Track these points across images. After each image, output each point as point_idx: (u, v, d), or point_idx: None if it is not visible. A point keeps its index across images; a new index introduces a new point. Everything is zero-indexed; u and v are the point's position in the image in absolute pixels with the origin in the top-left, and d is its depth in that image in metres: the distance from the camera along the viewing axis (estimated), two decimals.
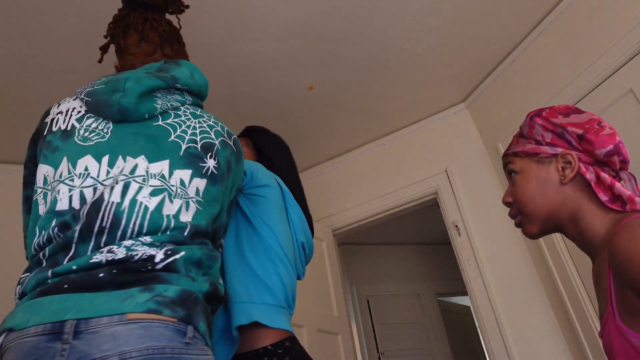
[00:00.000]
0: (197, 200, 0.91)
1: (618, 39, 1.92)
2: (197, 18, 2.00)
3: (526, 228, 0.94)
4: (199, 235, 0.89)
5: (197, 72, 1.07)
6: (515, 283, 2.38)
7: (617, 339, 0.76)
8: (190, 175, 0.91)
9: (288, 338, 1.16)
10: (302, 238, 1.41)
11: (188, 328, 0.76)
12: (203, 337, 0.79)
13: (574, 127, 0.89)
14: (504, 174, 1.02)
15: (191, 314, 0.77)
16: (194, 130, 0.96)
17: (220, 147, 0.98)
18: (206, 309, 0.82)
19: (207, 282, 0.85)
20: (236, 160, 1.03)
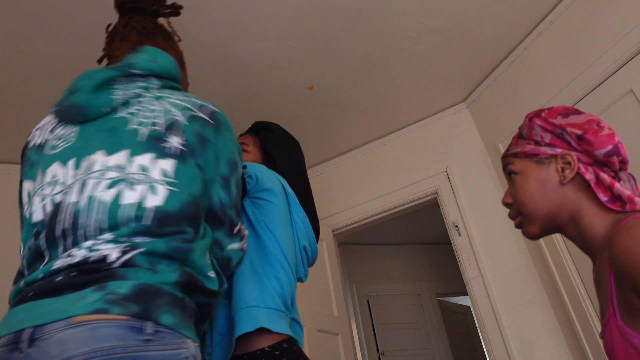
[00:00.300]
0: (168, 182, 0.87)
1: (618, 39, 1.92)
2: (198, 18, 2.00)
3: (526, 229, 0.94)
4: (169, 220, 0.84)
5: (160, 54, 1.04)
6: (515, 283, 2.38)
7: (618, 340, 0.76)
8: (152, 158, 0.88)
9: (286, 340, 1.16)
10: (305, 242, 1.41)
11: (146, 324, 0.72)
12: (176, 330, 0.75)
13: (573, 128, 0.89)
14: (504, 175, 1.01)
15: (148, 308, 0.74)
16: (158, 113, 0.94)
17: (188, 122, 0.94)
18: (177, 300, 0.79)
19: (177, 272, 0.81)
20: (215, 131, 0.97)
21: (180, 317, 0.77)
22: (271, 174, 1.38)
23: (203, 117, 0.97)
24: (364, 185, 3.02)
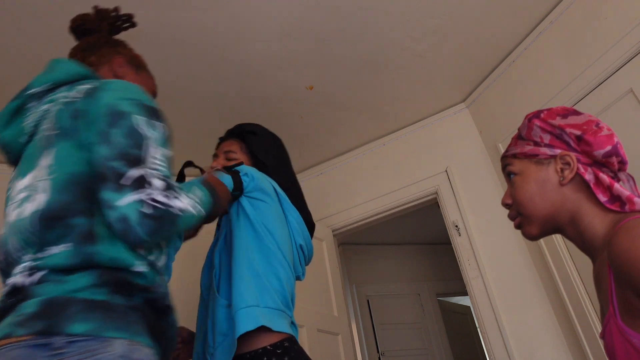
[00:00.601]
0: (49, 173, 0.86)
1: (618, 39, 1.92)
2: (198, 19, 2.00)
3: (526, 230, 0.94)
4: (57, 215, 0.82)
5: (58, 62, 1.04)
6: (515, 283, 2.38)
7: (619, 340, 0.76)
8: (43, 160, 0.89)
9: (287, 339, 1.18)
10: (301, 240, 1.43)
11: (53, 339, 0.72)
12: (95, 335, 0.74)
13: (572, 129, 0.89)
14: (503, 176, 1.01)
15: (54, 322, 0.73)
16: (51, 117, 0.94)
17: (64, 106, 0.93)
18: (96, 304, 0.77)
19: (91, 275, 0.79)
20: (85, 98, 0.93)
21: (101, 320, 0.76)
22: (262, 176, 1.40)
23: (78, 97, 0.94)
24: (364, 185, 3.02)
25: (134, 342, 0.78)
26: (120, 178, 0.83)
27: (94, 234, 0.83)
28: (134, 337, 0.78)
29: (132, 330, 0.78)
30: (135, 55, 1.24)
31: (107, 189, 0.83)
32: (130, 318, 0.80)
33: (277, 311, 1.20)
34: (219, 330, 1.20)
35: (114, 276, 0.81)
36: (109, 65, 1.16)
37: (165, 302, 0.89)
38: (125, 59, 1.20)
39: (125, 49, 1.23)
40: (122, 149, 0.86)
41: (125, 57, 1.20)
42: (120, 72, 1.16)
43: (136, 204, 0.82)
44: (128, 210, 0.81)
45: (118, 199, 0.82)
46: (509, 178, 0.97)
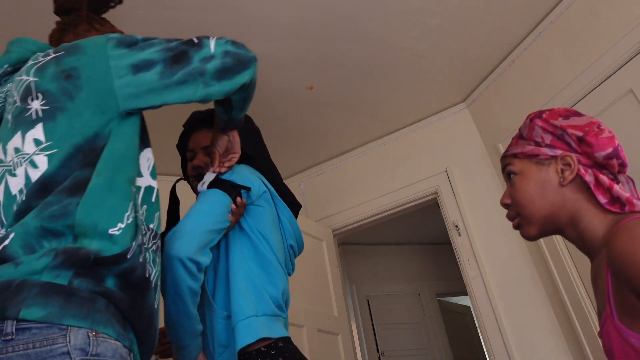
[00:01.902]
0: (43, 148, 0.81)
1: (618, 39, 1.92)
2: (198, 18, 2.00)
3: (525, 230, 0.94)
4: (53, 185, 0.78)
5: (12, 42, 1.01)
6: (515, 283, 2.38)
7: (616, 340, 0.76)
8: (21, 135, 0.83)
9: (281, 339, 1.18)
10: (292, 241, 1.42)
11: (5, 323, 0.66)
12: (51, 322, 0.67)
13: (573, 130, 0.89)
14: (502, 176, 1.01)
15: (5, 306, 0.67)
16: (12, 92, 0.90)
17: (38, 77, 0.87)
18: (54, 288, 0.70)
19: (47, 256, 0.71)
20: (74, 52, 0.88)
21: (59, 306, 0.68)
22: (254, 177, 1.34)
23: (52, 57, 0.89)
24: (364, 185, 3.02)
25: (98, 333, 0.70)
26: (192, 42, 0.92)
27: (84, 186, 0.79)
28: (97, 327, 0.70)
29: (96, 319, 0.71)
30: (114, 32, 1.18)
31: (194, 53, 0.90)
32: (96, 305, 0.72)
33: (273, 317, 1.21)
34: (218, 341, 1.20)
35: (80, 255, 0.73)
36: None
37: (143, 274, 0.80)
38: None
39: (103, 26, 1.17)
40: (161, 39, 0.92)
41: (102, 34, 1.12)
42: None
43: (220, 40, 0.94)
44: (222, 47, 0.93)
45: (209, 49, 0.92)
46: (509, 178, 0.97)
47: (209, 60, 0.91)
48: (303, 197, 3.20)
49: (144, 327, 0.82)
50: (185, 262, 1.07)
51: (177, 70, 0.88)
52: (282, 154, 3.04)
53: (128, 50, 0.88)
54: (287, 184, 3.33)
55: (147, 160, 0.93)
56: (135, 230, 0.82)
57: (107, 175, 0.81)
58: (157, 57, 0.88)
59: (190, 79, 0.89)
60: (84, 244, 0.75)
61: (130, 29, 1.98)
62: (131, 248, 0.78)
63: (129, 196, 0.83)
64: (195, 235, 1.10)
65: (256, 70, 1.01)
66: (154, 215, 0.92)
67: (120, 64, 0.86)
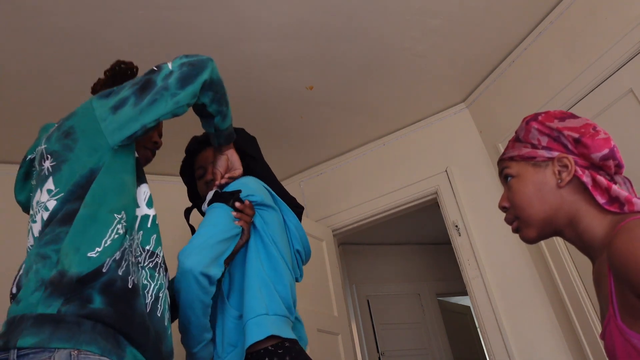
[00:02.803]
0: (54, 194, 0.98)
1: (618, 39, 1.92)
2: (197, 18, 2.00)
3: (524, 233, 0.94)
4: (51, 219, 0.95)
5: (42, 128, 1.20)
6: (515, 283, 2.38)
7: (619, 341, 0.76)
8: (40, 190, 1.02)
9: (288, 339, 1.20)
10: (299, 246, 1.46)
11: (9, 352, 0.81)
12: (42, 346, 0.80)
13: (570, 131, 0.89)
14: (500, 179, 1.01)
15: (9, 338, 0.82)
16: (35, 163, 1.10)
17: (47, 144, 1.06)
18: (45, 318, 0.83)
19: (39, 291, 0.86)
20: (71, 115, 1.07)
21: (49, 332, 0.82)
22: (257, 185, 1.38)
23: (55, 126, 1.08)
24: (364, 185, 3.02)
25: (81, 352, 0.82)
26: (153, 70, 1.07)
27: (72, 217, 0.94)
28: (80, 346, 0.82)
29: (79, 340, 0.83)
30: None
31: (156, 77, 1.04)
32: (82, 327, 0.84)
33: (283, 317, 1.24)
34: (228, 340, 1.23)
35: (64, 282, 0.86)
36: None
37: (125, 285, 0.92)
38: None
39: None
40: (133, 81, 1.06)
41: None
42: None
43: (177, 58, 1.10)
44: (177, 61, 1.08)
45: (167, 67, 1.06)
46: (506, 181, 0.97)
47: (169, 76, 1.05)
48: (303, 197, 3.20)
49: (140, 335, 0.91)
50: (198, 276, 1.13)
51: (145, 95, 1.02)
52: (282, 154, 3.04)
53: (106, 100, 1.03)
54: (287, 184, 3.36)
55: (144, 193, 1.09)
56: (114, 250, 0.94)
57: (92, 207, 0.95)
58: (128, 93, 1.03)
59: (158, 97, 1.02)
60: (64, 266, 0.88)
61: (130, 28, 1.98)
62: (106, 263, 0.90)
63: (111, 224, 0.96)
64: (204, 249, 1.16)
65: (214, 68, 1.13)
66: (150, 238, 1.06)
67: (102, 110, 1.02)
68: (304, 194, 3.21)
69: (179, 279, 1.15)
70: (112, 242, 0.93)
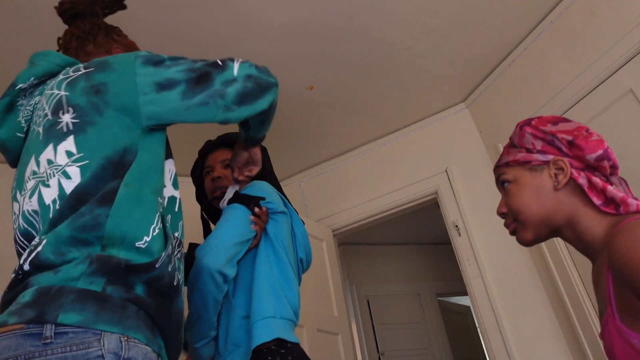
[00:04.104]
0: (76, 159, 0.85)
1: (618, 39, 1.92)
2: (198, 18, 2.00)
3: (520, 235, 0.94)
4: (86, 196, 0.82)
5: (41, 55, 1.03)
6: (515, 283, 2.38)
7: (618, 341, 0.76)
8: (53, 147, 0.86)
9: (291, 342, 1.23)
10: (302, 254, 1.49)
11: (45, 327, 0.70)
12: (86, 326, 0.71)
13: (563, 134, 0.90)
14: (497, 186, 1.02)
15: (45, 310, 0.71)
16: (44, 105, 0.92)
17: (69, 91, 0.90)
18: (89, 295, 0.74)
19: (83, 264, 0.76)
20: (103, 69, 0.91)
21: (94, 312, 0.73)
22: (274, 192, 1.43)
23: (82, 74, 0.92)
24: (364, 185, 3.02)
25: (130, 338, 0.74)
26: (216, 64, 0.95)
27: (112, 197, 0.82)
28: (129, 332, 0.75)
29: (127, 325, 0.75)
30: (129, 43, 1.23)
31: (216, 75, 0.93)
32: (127, 312, 0.77)
33: (290, 322, 1.27)
34: (232, 340, 1.25)
35: (112, 263, 0.77)
36: (108, 55, 1.14)
37: (171, 282, 0.85)
38: (123, 49, 1.18)
39: (120, 37, 1.21)
40: (187, 60, 0.95)
41: (122, 47, 1.19)
42: None
43: (244, 64, 0.97)
44: (245, 70, 0.95)
45: (232, 72, 0.94)
46: (503, 187, 0.97)
47: (231, 83, 0.93)
48: (303, 197, 3.20)
49: (173, 331, 0.87)
50: (214, 274, 1.17)
51: (198, 92, 0.91)
52: (282, 154, 3.04)
53: (154, 69, 0.91)
54: (287, 184, 3.36)
55: (169, 171, 0.97)
56: (165, 241, 0.86)
57: (134, 187, 0.84)
58: (180, 76, 0.91)
59: (210, 101, 0.92)
60: (112, 253, 0.79)
61: (130, 28, 1.98)
62: (160, 258, 0.82)
63: (155, 207, 0.86)
64: (222, 249, 1.20)
65: (276, 96, 1.03)
66: (178, 224, 0.96)
67: (145, 80, 0.89)
68: (304, 194, 3.21)
69: (195, 275, 1.19)
70: (160, 232, 0.85)
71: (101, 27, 1.18)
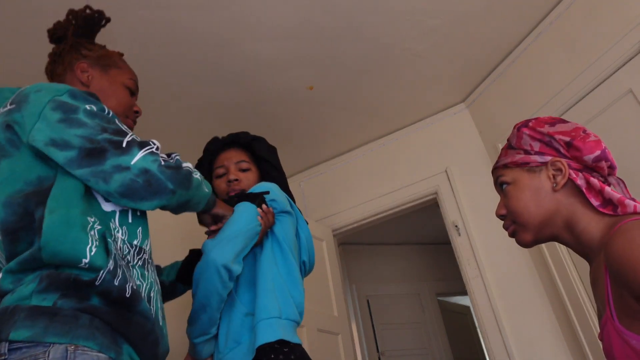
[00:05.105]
0: None
1: (617, 39, 1.92)
2: (198, 18, 2.00)
3: (520, 237, 0.94)
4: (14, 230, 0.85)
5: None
6: (515, 283, 2.38)
7: (617, 341, 0.76)
8: None
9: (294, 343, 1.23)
10: (305, 257, 1.49)
11: (0, 345, 0.76)
12: (36, 340, 0.76)
13: (561, 135, 0.90)
14: (495, 188, 1.02)
15: (0, 329, 0.77)
16: None
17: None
18: (40, 310, 0.78)
19: (34, 282, 0.81)
20: (17, 107, 0.92)
21: (44, 326, 0.77)
22: (283, 194, 1.43)
23: (6, 110, 0.93)
24: (364, 185, 3.02)
25: (78, 347, 0.77)
26: (120, 144, 0.89)
27: (40, 227, 0.83)
28: (77, 342, 0.78)
29: (76, 334, 0.78)
30: (102, 55, 1.21)
31: (112, 156, 0.88)
32: (79, 321, 0.80)
33: (295, 323, 1.28)
34: (232, 337, 1.24)
35: (62, 278, 0.81)
36: (72, 73, 1.15)
37: (121, 294, 0.86)
38: (89, 63, 1.17)
39: (90, 51, 1.20)
40: (98, 125, 0.90)
41: (88, 60, 1.17)
42: (84, 78, 1.14)
43: (150, 156, 0.90)
44: (144, 163, 0.89)
45: (130, 159, 0.88)
46: (501, 189, 0.97)
47: (122, 170, 0.88)
48: (303, 197, 3.20)
49: (138, 335, 0.88)
50: (220, 268, 1.17)
51: (84, 166, 0.88)
52: (282, 154, 3.02)
53: (58, 120, 0.88)
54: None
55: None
56: (106, 258, 0.86)
57: (60, 212, 0.84)
58: (76, 142, 0.88)
59: (92, 180, 0.88)
60: (64, 270, 0.83)
61: (130, 28, 1.98)
62: (99, 276, 0.83)
63: (86, 227, 0.86)
64: (229, 242, 1.20)
65: (171, 202, 0.95)
66: (136, 232, 0.96)
67: (43, 130, 0.88)
68: (304, 194, 3.21)
69: (201, 269, 1.19)
70: (99, 249, 0.86)
71: (70, 47, 1.18)
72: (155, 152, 0.92)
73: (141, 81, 1.45)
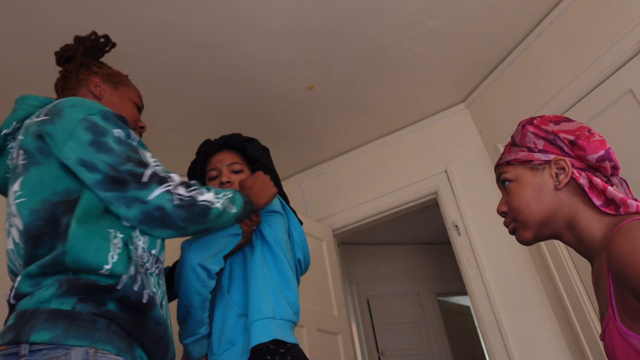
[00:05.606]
0: (17, 196, 0.93)
1: (618, 39, 1.92)
2: (198, 19, 2.00)
3: (520, 234, 0.94)
4: (38, 235, 0.89)
5: (17, 100, 1.11)
6: (515, 283, 2.38)
7: (619, 342, 0.76)
8: (12, 188, 0.96)
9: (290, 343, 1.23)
10: (300, 255, 1.49)
11: (20, 347, 0.78)
12: (57, 343, 0.78)
13: (565, 134, 0.90)
14: (497, 185, 1.02)
15: (20, 332, 0.79)
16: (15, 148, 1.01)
17: (24, 134, 0.98)
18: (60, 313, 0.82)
19: (53, 287, 0.84)
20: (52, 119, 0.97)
21: (64, 329, 0.80)
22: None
23: (39, 120, 0.98)
24: (364, 185, 3.02)
25: (98, 350, 0.81)
26: (140, 177, 0.95)
27: (66, 234, 0.87)
28: (96, 345, 0.81)
29: (95, 338, 0.82)
30: (111, 73, 1.28)
31: (132, 188, 0.93)
32: (97, 326, 0.83)
33: (290, 323, 1.27)
34: (226, 338, 1.24)
35: (80, 283, 0.85)
36: (86, 87, 1.21)
37: (139, 300, 0.90)
38: (101, 78, 1.24)
39: (100, 68, 1.27)
40: (124, 153, 0.96)
41: (100, 76, 1.24)
42: (97, 91, 1.21)
43: (166, 194, 0.95)
44: (160, 201, 0.94)
45: (148, 194, 0.94)
46: (504, 186, 0.97)
47: (140, 203, 0.94)
48: (303, 197, 3.20)
49: (150, 340, 0.92)
50: (195, 267, 1.17)
51: (109, 190, 0.93)
52: (282, 154, 3.04)
53: (88, 143, 0.94)
54: (287, 184, 3.35)
55: None
56: (127, 264, 0.91)
57: (86, 222, 0.90)
58: (102, 168, 0.93)
59: (115, 204, 0.94)
60: (82, 276, 0.87)
61: (130, 29, 1.98)
62: (120, 281, 0.88)
63: (109, 236, 0.92)
64: (205, 242, 1.21)
65: (185, 234, 1.02)
66: (155, 242, 1.03)
67: (73, 149, 0.93)
68: (304, 194, 3.21)
69: (179, 269, 1.20)
70: (121, 256, 0.91)
71: (81, 64, 1.26)
72: (172, 191, 0.97)
73: (141, 81, 1.45)
